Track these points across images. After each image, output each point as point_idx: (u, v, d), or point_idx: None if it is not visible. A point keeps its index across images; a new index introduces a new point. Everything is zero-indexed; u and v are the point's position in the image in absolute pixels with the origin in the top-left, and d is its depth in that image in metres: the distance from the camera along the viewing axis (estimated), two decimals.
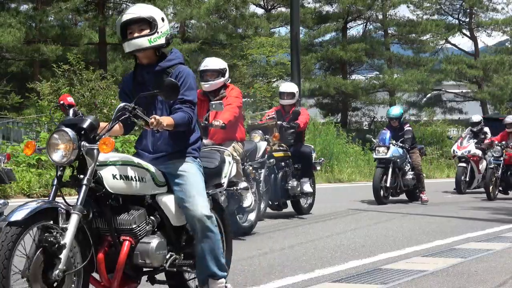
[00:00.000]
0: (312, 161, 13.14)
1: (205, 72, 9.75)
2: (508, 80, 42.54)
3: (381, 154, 15.53)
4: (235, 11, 35.80)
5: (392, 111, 16.57)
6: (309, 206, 13.24)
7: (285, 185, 12.33)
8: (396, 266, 7.47)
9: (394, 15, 43.56)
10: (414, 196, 16.39)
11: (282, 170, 12.28)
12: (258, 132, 11.52)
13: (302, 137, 13.10)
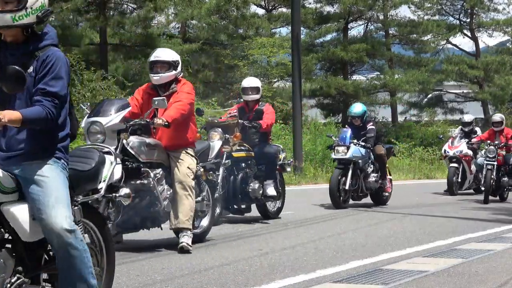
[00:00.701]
0: (277, 162, 12.20)
1: (155, 63, 8.83)
2: (509, 81, 42.49)
3: (340, 154, 14.50)
4: (236, 12, 35.76)
5: (353, 109, 15.49)
6: (278, 210, 12.43)
7: (246, 188, 11.47)
8: (397, 267, 7.47)
9: (395, 16, 43.53)
10: (380, 199, 15.43)
11: (242, 171, 11.49)
12: (217, 130, 11.04)
13: (267, 137, 12.32)
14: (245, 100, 12.39)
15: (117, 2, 31.94)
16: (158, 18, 33.91)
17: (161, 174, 8.41)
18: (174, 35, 35.34)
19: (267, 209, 12.15)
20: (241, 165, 11.49)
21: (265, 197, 11.83)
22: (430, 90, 43.78)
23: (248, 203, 11.71)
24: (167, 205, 8.38)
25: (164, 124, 8.20)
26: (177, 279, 6.71)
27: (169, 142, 8.59)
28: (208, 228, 9.35)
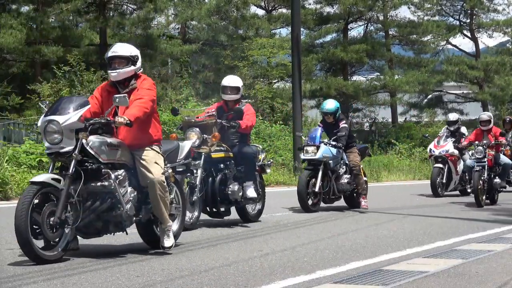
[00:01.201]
0: (256, 162, 11.70)
1: (112, 59, 8.24)
2: (509, 81, 42.53)
3: (310, 155, 13.71)
4: (236, 12, 35.82)
5: (326, 105, 14.44)
6: (258, 212, 11.98)
7: (225, 190, 11.06)
8: (397, 267, 7.47)
9: (395, 16, 43.59)
10: (355, 202, 14.51)
11: (221, 173, 11.06)
12: (195, 130, 10.72)
13: (247, 137, 11.83)
14: (224, 100, 11.84)
15: (117, 3, 31.97)
16: (158, 19, 34.00)
17: (123, 176, 7.95)
18: (174, 36, 35.39)
19: (246, 212, 11.71)
20: (220, 166, 11.11)
21: (245, 199, 11.38)
22: (430, 91, 43.83)
23: (227, 205, 11.27)
24: (130, 208, 7.94)
25: (126, 123, 7.76)
26: (177, 280, 6.70)
27: (133, 141, 8.14)
28: (177, 233, 8.81)
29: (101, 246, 8.68)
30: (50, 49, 26.66)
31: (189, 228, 10.14)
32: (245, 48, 33.35)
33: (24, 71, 31.89)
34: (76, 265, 7.25)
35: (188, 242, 9.17)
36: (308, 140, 14.00)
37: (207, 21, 34.04)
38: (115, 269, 7.12)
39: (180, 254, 8.17)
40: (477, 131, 16.85)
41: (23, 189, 14.70)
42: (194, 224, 10.40)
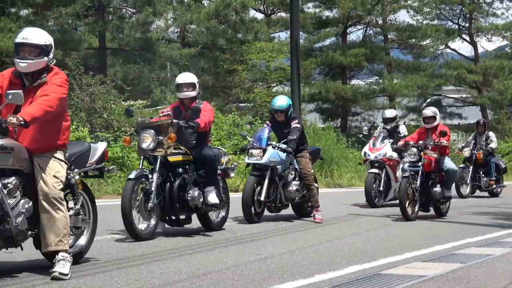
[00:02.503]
0: (218, 166, 10.79)
1: (22, 46, 7.09)
2: (508, 85, 42.58)
3: (255, 158, 12.20)
4: (235, 16, 35.85)
5: (277, 101, 12.71)
6: (222, 220, 11.17)
7: (184, 196, 10.25)
8: (395, 271, 7.47)
9: (394, 20, 43.65)
10: (304, 211, 13.10)
11: (179, 177, 10.22)
12: (149, 132, 9.93)
13: (206, 138, 10.88)
14: (180, 98, 10.89)
15: (116, 7, 32.00)
16: (157, 22, 34.05)
17: (14, 184, 6.74)
18: (173, 39, 35.42)
19: (209, 220, 10.89)
20: (178, 171, 10.27)
21: (207, 206, 10.49)
22: (429, 95, 43.88)
23: (187, 213, 10.44)
24: (21, 222, 6.76)
25: (19, 123, 6.58)
26: (176, 283, 6.70)
27: (32, 144, 6.98)
28: (86, 248, 7.70)
29: (99, 250, 8.67)
30: None
31: (145, 238, 9.43)
32: (244, 52, 33.36)
33: None
34: (74, 269, 7.24)
35: (187, 246, 9.17)
36: (254, 142, 12.47)
37: (206, 25, 34.06)
38: (114, 273, 7.12)
39: (178, 258, 8.16)
40: (420, 130, 14.10)
41: None
42: (150, 234, 9.63)
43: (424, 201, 13.38)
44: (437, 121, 13.92)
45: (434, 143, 13.38)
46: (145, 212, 9.67)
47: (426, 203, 13.48)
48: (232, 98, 34.22)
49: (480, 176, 20.52)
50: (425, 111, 14.24)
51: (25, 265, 7.45)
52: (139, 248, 8.82)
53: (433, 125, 13.78)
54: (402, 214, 12.79)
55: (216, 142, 22.67)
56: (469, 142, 21.04)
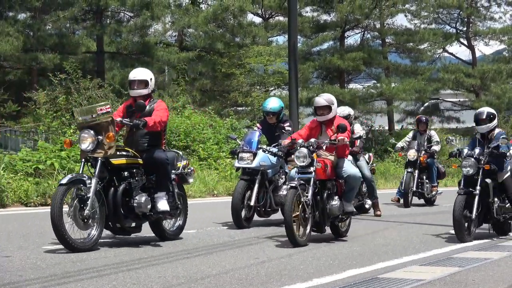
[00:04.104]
0: (170, 170, 10.00)
1: None
2: (505, 89, 42.58)
3: (245, 162, 11.84)
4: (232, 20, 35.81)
5: (269, 103, 12.45)
6: (178, 229, 10.45)
7: (129, 202, 9.46)
8: (393, 275, 7.47)
9: (392, 24, 43.56)
10: None
11: (125, 182, 9.40)
12: (88, 132, 9.08)
13: (160, 140, 10.02)
14: (132, 96, 10.07)
15: (114, 11, 31.98)
16: (155, 26, 34.00)
17: None
18: (171, 43, 35.39)
19: (162, 228, 10.17)
20: (123, 174, 9.44)
21: (156, 213, 9.70)
22: (427, 99, 43.87)
23: (134, 220, 9.64)
24: None
25: None
26: (174, 287, 6.70)
27: None
28: None
29: (97, 253, 8.66)
30: (46, 56, 26.65)
31: (84, 250, 8.69)
32: (242, 56, 33.36)
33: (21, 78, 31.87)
34: (72, 273, 7.24)
35: (185, 250, 9.16)
36: (244, 145, 12.12)
37: (204, 29, 34.00)
38: (112, 277, 7.11)
39: (176, 262, 8.16)
40: (311, 124, 10.88)
41: (19, 196, 14.70)
42: (91, 244, 8.83)
43: (318, 218, 10.25)
44: (333, 112, 10.66)
45: (330, 142, 10.34)
46: (80, 220, 8.75)
47: (320, 221, 10.33)
48: (230, 102, 34.19)
49: (423, 182, 17.55)
50: (317, 98, 10.78)
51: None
52: (137, 252, 8.82)
53: (328, 117, 10.60)
54: (289, 237, 9.67)
55: (214, 146, 22.69)
56: (412, 143, 17.60)
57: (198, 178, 19.12)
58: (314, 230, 10.26)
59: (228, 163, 21.23)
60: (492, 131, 11.49)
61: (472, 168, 10.98)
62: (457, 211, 10.65)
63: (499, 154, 11.12)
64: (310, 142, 10.23)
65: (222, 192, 18.78)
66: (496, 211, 11.17)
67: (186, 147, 22.29)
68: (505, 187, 11.30)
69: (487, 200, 11.13)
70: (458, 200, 10.75)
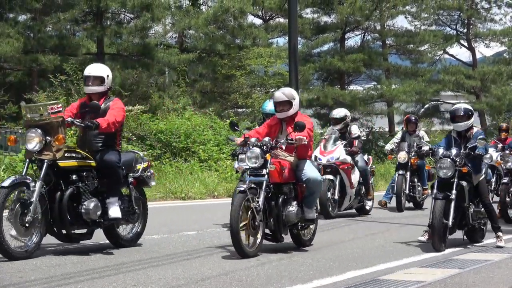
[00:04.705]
0: (121, 173, 9.27)
1: None
2: (506, 91, 42.58)
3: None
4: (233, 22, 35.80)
5: (268, 105, 11.87)
6: (135, 235, 9.74)
7: (77, 208, 8.77)
8: (394, 277, 7.46)
9: (392, 26, 43.56)
10: None
11: (73, 186, 8.72)
12: (35, 131, 8.46)
13: (114, 141, 9.35)
14: (87, 94, 9.46)
15: (114, 12, 31.98)
16: (156, 28, 34.00)
17: None
18: (171, 45, 35.39)
19: (117, 235, 9.46)
20: (71, 178, 8.76)
21: (107, 220, 9.06)
22: (427, 100, 43.87)
23: (83, 227, 8.96)
24: None
25: None
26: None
27: None
28: None
29: (98, 255, 8.66)
30: (47, 58, 26.65)
31: (21, 258, 8.09)
32: (242, 57, 33.35)
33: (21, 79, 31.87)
34: (73, 274, 7.24)
35: (185, 251, 9.16)
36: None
37: (204, 30, 34.01)
38: (112, 278, 7.11)
39: (176, 263, 8.15)
40: (271, 121, 9.99)
41: None
42: (30, 252, 8.23)
43: (273, 226, 9.30)
44: (295, 108, 9.73)
45: (286, 141, 9.37)
46: (21, 226, 8.16)
47: (275, 229, 9.34)
48: (230, 103, 34.20)
49: (414, 185, 16.83)
50: (276, 93, 9.96)
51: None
52: (137, 254, 8.81)
53: (288, 114, 9.67)
54: (235, 246, 8.68)
55: (215, 147, 22.68)
56: (402, 144, 16.76)
57: (199, 179, 19.14)
58: (269, 239, 9.41)
59: (228, 164, 21.22)
60: (469, 130, 10.59)
61: (449, 170, 10.00)
62: (437, 219, 9.65)
63: (476, 155, 10.24)
64: (264, 141, 9.27)
65: (223, 193, 18.78)
66: (471, 217, 10.32)
67: (186, 149, 22.30)
68: (480, 190, 10.44)
69: (462, 205, 10.15)
70: (438, 206, 9.74)
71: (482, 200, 10.47)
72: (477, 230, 10.65)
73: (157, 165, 20.38)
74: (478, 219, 10.52)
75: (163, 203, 16.75)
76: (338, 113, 14.94)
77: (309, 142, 9.51)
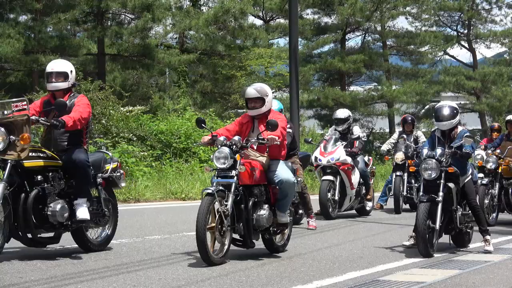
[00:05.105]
0: (90, 173, 8.78)
1: None
2: (506, 92, 42.64)
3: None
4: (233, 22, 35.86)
5: None
6: (105, 239, 9.28)
7: (43, 210, 8.27)
8: (394, 278, 7.46)
9: (393, 27, 43.66)
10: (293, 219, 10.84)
11: (38, 187, 8.22)
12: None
13: (80, 139, 8.89)
14: (50, 91, 8.96)
15: (115, 13, 32.01)
16: (156, 28, 34.05)
17: None
18: (172, 45, 35.44)
19: (86, 239, 8.99)
20: (36, 179, 8.25)
21: (75, 222, 8.57)
22: (428, 101, 43.91)
23: (49, 230, 8.51)
24: None
25: None
26: None
27: None
28: None
29: (98, 255, 8.66)
30: (47, 58, 26.61)
31: None
32: (242, 58, 33.40)
33: (22, 80, 31.92)
34: (73, 275, 7.24)
35: (185, 252, 9.15)
36: None
37: (205, 31, 34.06)
38: (112, 279, 7.11)
39: (177, 264, 8.15)
40: (242, 119, 9.31)
41: None
42: None
43: (242, 231, 8.64)
44: (268, 105, 9.09)
45: (257, 140, 8.73)
46: None
47: (245, 235, 8.67)
48: (231, 104, 34.23)
49: (412, 187, 16.35)
50: (248, 88, 9.22)
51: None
52: (137, 254, 8.81)
53: (261, 111, 9.06)
54: (200, 253, 8.02)
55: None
56: (399, 144, 16.24)
57: (199, 180, 19.15)
58: (238, 245, 8.77)
59: None
60: (454, 129, 9.92)
61: (434, 171, 9.43)
62: (421, 223, 9.13)
63: (464, 154, 9.63)
64: (233, 140, 8.65)
65: None
66: (459, 220, 9.81)
67: (186, 149, 22.31)
68: (466, 192, 9.89)
69: (450, 208, 9.64)
70: (422, 210, 9.23)
71: (469, 202, 9.95)
72: (464, 234, 10.16)
73: (157, 165, 20.40)
74: (466, 222, 10.05)
75: (164, 204, 16.75)
76: (342, 113, 14.84)
77: (283, 142, 8.98)
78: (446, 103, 9.99)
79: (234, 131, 9.06)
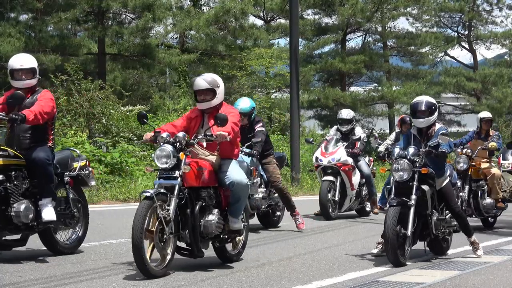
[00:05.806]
0: (51, 171, 8.26)
1: None
2: (506, 93, 42.63)
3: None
4: (234, 22, 35.84)
5: (239, 103, 11.45)
6: (76, 240, 8.86)
7: (6, 211, 7.86)
8: (393, 278, 7.46)
9: (393, 27, 43.66)
10: (271, 220, 12.29)
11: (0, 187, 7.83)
12: None
13: (45, 135, 8.44)
14: (16, 87, 8.40)
15: (116, 12, 32.00)
16: (157, 28, 34.02)
17: None
18: (172, 45, 35.42)
19: (55, 240, 8.56)
20: None
21: (42, 224, 8.14)
22: None
23: (14, 232, 8.12)
24: None
25: None
26: None
27: None
28: None
29: (98, 255, 8.66)
30: (48, 57, 26.66)
31: None
32: (243, 58, 33.38)
33: None
34: (73, 274, 7.24)
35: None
36: None
37: (205, 31, 34.03)
38: (112, 278, 7.11)
39: (177, 264, 8.15)
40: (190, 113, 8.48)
41: None
42: None
43: (188, 238, 7.73)
44: (219, 98, 8.23)
45: (204, 137, 7.86)
46: None
47: (191, 243, 7.77)
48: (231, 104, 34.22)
49: None
50: (197, 79, 8.31)
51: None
52: None
53: (211, 104, 8.19)
54: (137, 264, 7.16)
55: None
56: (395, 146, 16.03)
57: None
58: (185, 254, 7.90)
59: None
60: (432, 126, 9.11)
61: (406, 172, 8.66)
62: (389, 228, 8.34)
63: (439, 153, 8.82)
64: (177, 136, 7.75)
65: None
66: (435, 226, 9.00)
67: None
68: (445, 195, 9.13)
69: (424, 212, 8.84)
70: (391, 214, 8.44)
71: (451, 207, 9.18)
72: (441, 240, 9.36)
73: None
74: (443, 228, 9.22)
75: None
76: (347, 114, 14.68)
77: (235, 139, 8.14)
78: (423, 98, 9.31)
79: (181, 126, 8.16)
